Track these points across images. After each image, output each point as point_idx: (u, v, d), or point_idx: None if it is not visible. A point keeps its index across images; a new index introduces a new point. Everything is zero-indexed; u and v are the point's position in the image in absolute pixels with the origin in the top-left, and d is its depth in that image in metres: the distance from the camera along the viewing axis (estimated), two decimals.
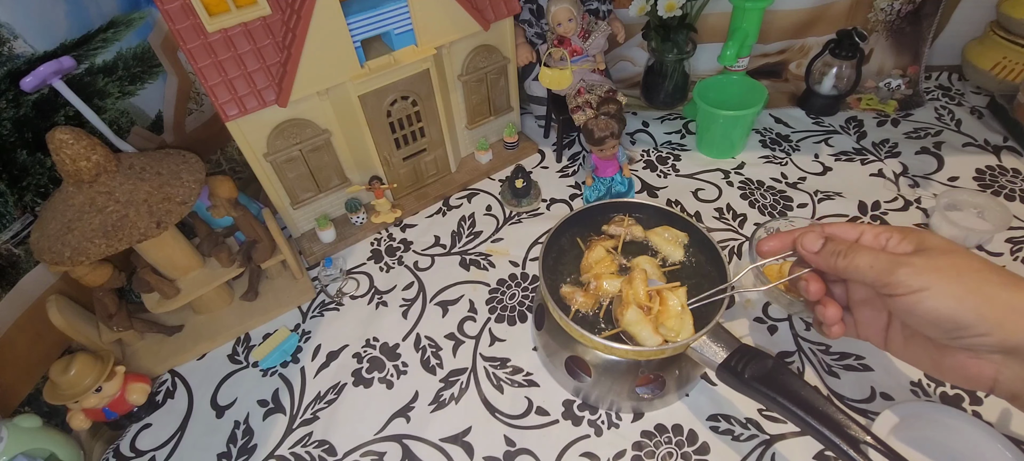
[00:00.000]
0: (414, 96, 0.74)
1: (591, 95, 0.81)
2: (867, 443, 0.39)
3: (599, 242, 0.57)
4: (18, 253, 0.59)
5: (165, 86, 0.74)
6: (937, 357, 0.37)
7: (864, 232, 0.39)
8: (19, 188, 0.58)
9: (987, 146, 0.83)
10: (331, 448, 0.57)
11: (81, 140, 0.51)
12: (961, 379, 0.37)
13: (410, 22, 0.68)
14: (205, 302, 0.68)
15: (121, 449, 0.59)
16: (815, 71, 0.91)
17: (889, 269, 0.35)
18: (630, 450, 0.54)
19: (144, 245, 0.58)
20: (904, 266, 0.35)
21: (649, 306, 0.50)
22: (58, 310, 0.58)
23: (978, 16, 0.93)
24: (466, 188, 0.87)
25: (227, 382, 0.64)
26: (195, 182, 0.59)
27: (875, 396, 0.56)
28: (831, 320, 0.41)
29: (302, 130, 0.69)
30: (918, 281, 0.34)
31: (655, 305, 0.50)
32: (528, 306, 0.68)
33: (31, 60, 0.57)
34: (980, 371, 0.35)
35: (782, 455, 0.52)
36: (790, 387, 0.43)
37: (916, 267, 0.34)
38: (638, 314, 0.49)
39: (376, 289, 0.73)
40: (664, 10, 0.83)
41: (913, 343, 0.39)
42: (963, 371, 0.36)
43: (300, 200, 0.76)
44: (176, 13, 0.57)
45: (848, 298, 0.43)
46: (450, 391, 0.61)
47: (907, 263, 0.35)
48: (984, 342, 0.33)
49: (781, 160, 0.85)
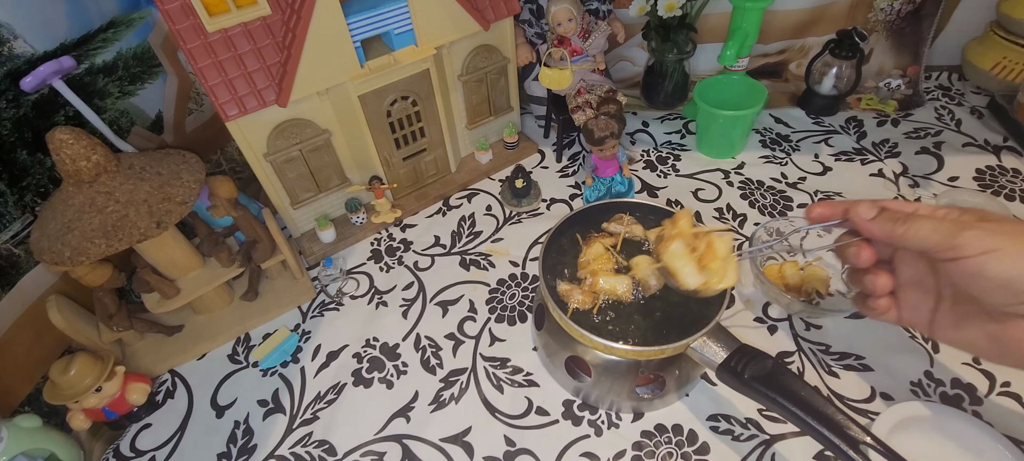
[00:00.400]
0: (414, 96, 0.74)
1: (591, 95, 0.81)
2: (867, 443, 0.39)
3: (598, 239, 0.57)
4: (18, 253, 0.59)
5: (165, 86, 0.74)
6: (997, 331, 0.36)
7: (920, 207, 0.37)
8: (19, 188, 0.58)
9: (987, 146, 0.83)
10: (331, 448, 0.57)
11: (81, 140, 0.51)
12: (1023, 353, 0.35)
13: (410, 22, 0.68)
14: (205, 302, 0.68)
15: (121, 449, 0.59)
16: (815, 71, 0.91)
17: (954, 232, 0.34)
18: (630, 450, 0.54)
19: (144, 245, 0.58)
20: (971, 229, 0.33)
21: (695, 245, 0.46)
22: (58, 310, 0.58)
23: (978, 16, 0.93)
24: (466, 188, 0.87)
25: (227, 382, 0.64)
26: (195, 182, 0.59)
27: (875, 396, 0.56)
28: (881, 290, 0.40)
29: (302, 130, 0.69)
30: (986, 243, 0.33)
31: (701, 246, 0.45)
32: (528, 306, 0.68)
33: (31, 60, 0.57)
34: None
35: (782, 455, 0.52)
36: (790, 387, 0.43)
37: (984, 229, 0.33)
38: (683, 248, 0.45)
39: (376, 289, 0.73)
40: (664, 10, 0.82)
41: (967, 323, 0.37)
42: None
43: (300, 200, 0.76)
44: (176, 13, 0.57)
45: (896, 279, 0.41)
46: (450, 391, 0.61)
47: (973, 226, 0.33)
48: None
49: (781, 160, 0.85)
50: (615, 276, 0.53)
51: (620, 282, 0.53)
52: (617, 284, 0.53)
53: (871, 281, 0.40)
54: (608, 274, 0.53)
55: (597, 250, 0.56)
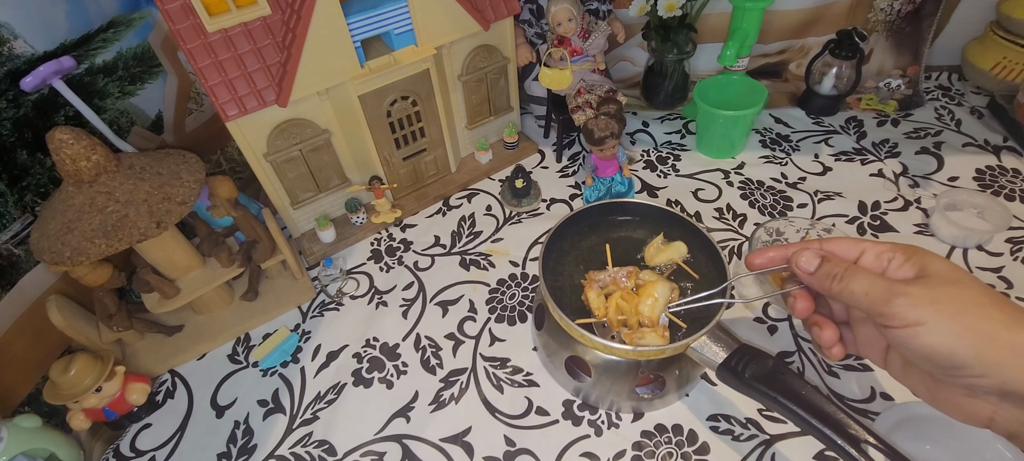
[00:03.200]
0: (414, 96, 0.74)
1: (591, 95, 0.81)
2: (868, 442, 0.39)
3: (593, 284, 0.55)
4: (18, 253, 0.59)
5: (165, 86, 0.74)
6: (933, 389, 0.36)
7: (866, 251, 0.37)
8: (19, 188, 0.58)
9: (987, 146, 0.83)
10: (331, 448, 0.57)
11: (81, 140, 0.51)
12: (957, 414, 0.35)
13: (410, 22, 0.68)
14: (205, 302, 0.68)
15: (121, 449, 0.59)
16: (815, 71, 0.91)
17: (885, 298, 0.33)
18: (630, 450, 0.54)
19: (144, 245, 0.58)
20: (901, 296, 0.32)
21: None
22: (58, 310, 0.58)
23: (978, 16, 0.93)
24: (466, 188, 0.87)
25: (227, 382, 0.64)
26: (195, 182, 0.59)
27: (875, 396, 0.56)
28: (827, 343, 0.39)
29: (302, 130, 0.69)
30: (914, 314, 0.32)
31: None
32: (528, 306, 0.68)
33: (31, 60, 0.57)
34: (975, 409, 0.33)
35: (782, 455, 0.52)
36: (791, 386, 0.43)
37: (913, 298, 0.32)
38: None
39: (376, 289, 0.73)
40: (664, 10, 0.83)
41: (910, 371, 0.37)
42: (958, 407, 0.34)
43: (300, 200, 0.76)
44: (176, 13, 0.57)
45: (849, 314, 0.41)
46: (450, 391, 0.61)
47: (904, 293, 0.32)
48: (981, 383, 0.31)
49: (781, 160, 0.85)
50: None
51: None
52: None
53: (817, 334, 0.40)
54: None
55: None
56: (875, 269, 0.36)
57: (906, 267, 0.35)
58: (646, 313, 0.49)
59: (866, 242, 0.37)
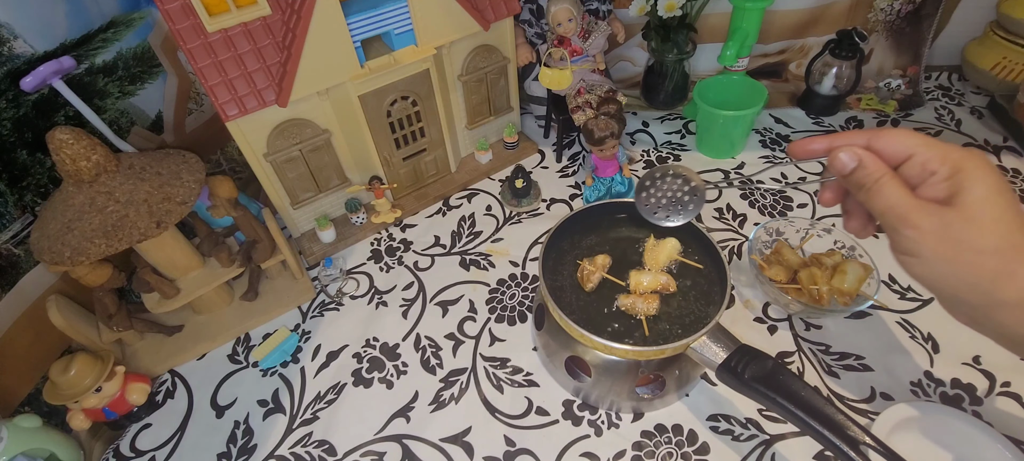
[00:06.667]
0: (414, 96, 0.74)
1: (591, 95, 0.81)
2: (867, 444, 0.39)
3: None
4: (18, 253, 0.59)
5: (165, 86, 0.74)
6: None
7: (914, 155, 0.36)
8: (19, 188, 0.58)
9: (987, 146, 0.83)
10: (331, 448, 0.57)
11: (81, 140, 0.51)
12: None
13: (410, 22, 0.68)
14: (205, 302, 0.68)
15: (121, 449, 0.59)
16: (815, 71, 0.91)
17: (896, 225, 0.35)
18: (630, 450, 0.54)
19: (144, 245, 0.58)
20: (910, 228, 0.34)
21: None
22: (58, 310, 0.58)
23: (978, 16, 0.93)
24: (466, 188, 0.87)
25: (227, 382, 0.64)
26: (195, 182, 0.59)
27: (875, 396, 0.56)
28: (852, 230, 0.42)
29: (302, 130, 0.69)
30: (913, 247, 0.34)
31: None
32: (528, 306, 0.68)
33: (31, 60, 0.57)
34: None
35: (782, 455, 0.52)
36: (790, 387, 0.43)
37: (920, 231, 0.34)
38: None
39: (376, 289, 0.73)
40: (664, 10, 0.82)
41: None
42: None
43: (300, 200, 0.76)
44: (176, 13, 0.57)
45: None
46: (450, 391, 0.61)
47: (914, 225, 0.34)
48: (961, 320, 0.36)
49: (781, 160, 0.85)
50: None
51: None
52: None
53: (846, 220, 0.43)
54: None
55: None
56: (916, 179, 0.36)
57: (943, 186, 0.35)
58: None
59: (919, 142, 0.36)
